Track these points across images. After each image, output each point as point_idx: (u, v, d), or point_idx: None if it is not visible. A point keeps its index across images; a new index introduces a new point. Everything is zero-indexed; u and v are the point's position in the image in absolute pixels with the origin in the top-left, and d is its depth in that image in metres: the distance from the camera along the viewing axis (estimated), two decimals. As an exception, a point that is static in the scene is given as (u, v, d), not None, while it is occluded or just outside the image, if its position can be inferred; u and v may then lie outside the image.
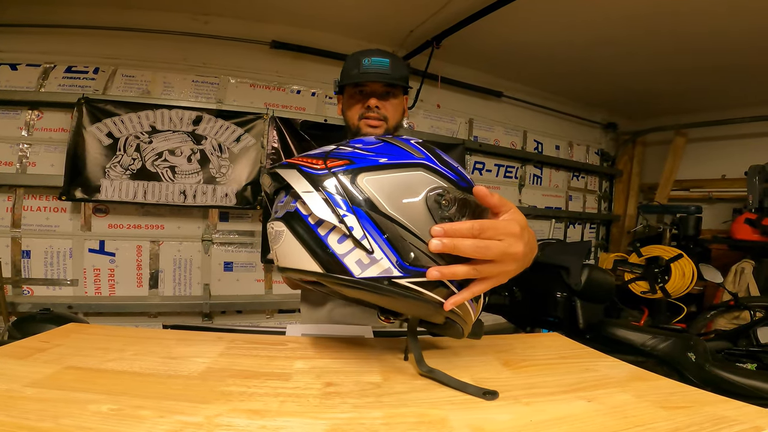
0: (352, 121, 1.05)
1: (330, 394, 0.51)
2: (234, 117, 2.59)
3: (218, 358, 0.62)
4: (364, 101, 1.04)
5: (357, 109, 1.04)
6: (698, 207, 3.50)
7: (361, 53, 1.03)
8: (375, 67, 1.00)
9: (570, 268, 1.60)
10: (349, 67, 1.04)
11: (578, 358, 0.71)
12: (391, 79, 1.01)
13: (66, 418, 0.40)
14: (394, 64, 1.02)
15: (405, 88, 1.07)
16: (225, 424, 0.41)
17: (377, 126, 1.03)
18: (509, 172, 3.71)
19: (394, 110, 1.06)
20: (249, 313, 2.77)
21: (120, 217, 2.51)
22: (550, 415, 0.47)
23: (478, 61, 3.28)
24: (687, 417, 0.47)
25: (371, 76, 1.00)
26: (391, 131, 1.06)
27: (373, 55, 1.02)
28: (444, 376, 0.55)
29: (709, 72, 3.07)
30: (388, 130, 1.05)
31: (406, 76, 1.05)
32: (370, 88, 1.03)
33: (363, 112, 1.03)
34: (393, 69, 1.02)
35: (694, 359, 1.42)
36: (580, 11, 2.40)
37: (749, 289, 2.96)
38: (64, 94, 2.36)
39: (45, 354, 0.58)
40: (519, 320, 1.83)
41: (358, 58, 1.02)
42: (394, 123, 1.06)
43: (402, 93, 1.08)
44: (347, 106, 1.07)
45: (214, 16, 2.62)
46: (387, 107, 1.04)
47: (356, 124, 1.04)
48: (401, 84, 1.04)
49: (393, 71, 1.01)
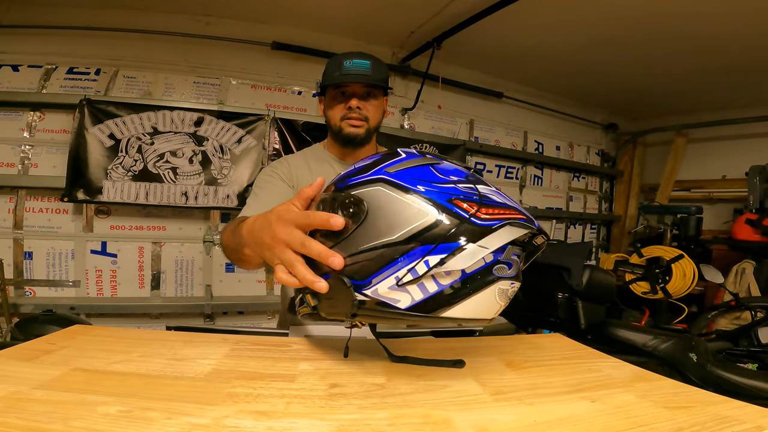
0: (334, 121, 1.09)
1: (335, 395, 0.51)
2: (235, 118, 2.60)
3: (224, 359, 0.62)
4: (345, 102, 1.07)
5: (339, 109, 1.08)
6: (699, 207, 3.51)
7: (343, 56, 1.05)
8: (356, 68, 1.03)
9: (571, 268, 1.60)
10: (330, 70, 1.06)
11: (581, 359, 0.71)
12: (372, 80, 1.04)
13: (76, 420, 0.40)
14: (374, 66, 1.05)
15: (385, 89, 1.10)
16: (232, 426, 0.42)
17: (359, 126, 1.07)
18: (510, 172, 3.71)
19: (375, 110, 1.10)
20: (251, 314, 2.77)
21: (122, 219, 2.51)
22: (553, 415, 0.48)
23: (479, 62, 3.28)
24: (690, 417, 0.48)
25: (352, 77, 1.03)
26: (372, 131, 1.10)
27: (354, 58, 1.04)
28: (415, 359, 0.61)
29: (709, 73, 3.07)
30: (369, 129, 1.09)
31: (386, 78, 1.09)
32: (352, 89, 1.06)
33: (345, 112, 1.07)
34: (373, 71, 1.04)
35: (696, 359, 1.42)
36: (581, 12, 2.40)
37: (750, 290, 2.96)
38: (66, 96, 2.36)
39: (52, 356, 0.59)
40: (521, 321, 1.83)
41: (340, 60, 1.04)
42: (374, 123, 1.10)
43: (382, 94, 1.12)
44: (329, 107, 1.10)
45: (215, 18, 2.63)
46: (368, 108, 1.07)
47: (338, 124, 1.08)
48: (381, 85, 1.07)
49: (373, 73, 1.04)
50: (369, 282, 0.49)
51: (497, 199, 0.50)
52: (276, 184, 1.08)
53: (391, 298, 0.49)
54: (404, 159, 0.54)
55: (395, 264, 0.47)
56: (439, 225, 0.46)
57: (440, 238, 0.46)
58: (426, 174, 0.50)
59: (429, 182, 0.49)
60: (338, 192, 0.55)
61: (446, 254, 0.46)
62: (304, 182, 1.10)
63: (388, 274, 0.48)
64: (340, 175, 0.58)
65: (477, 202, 0.48)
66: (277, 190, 1.06)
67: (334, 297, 0.52)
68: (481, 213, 0.47)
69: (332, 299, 0.52)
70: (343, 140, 1.10)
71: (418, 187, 0.48)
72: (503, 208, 0.49)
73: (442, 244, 0.46)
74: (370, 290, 0.49)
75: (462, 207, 0.47)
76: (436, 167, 0.52)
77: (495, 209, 0.48)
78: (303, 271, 0.51)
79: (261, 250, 0.59)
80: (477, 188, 0.50)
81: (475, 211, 0.47)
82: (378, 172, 0.52)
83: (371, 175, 0.52)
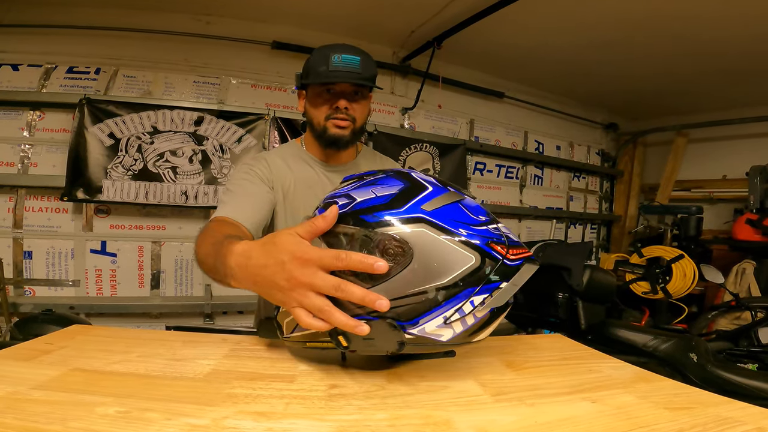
0: (318, 120, 1.01)
1: (335, 396, 0.51)
2: (235, 117, 2.60)
3: (223, 359, 0.62)
4: (332, 101, 0.98)
5: (324, 109, 0.99)
6: (699, 207, 3.50)
7: (329, 48, 0.96)
8: (345, 65, 0.94)
9: (572, 268, 1.60)
10: (316, 63, 0.96)
11: (581, 359, 0.71)
12: (362, 80, 0.96)
13: (74, 421, 0.40)
14: (364, 62, 0.96)
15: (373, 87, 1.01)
16: (232, 427, 0.42)
17: (345, 127, 0.99)
18: (510, 172, 3.71)
19: (362, 110, 1.02)
20: (250, 313, 2.76)
21: (121, 218, 2.51)
22: (554, 416, 0.48)
23: (480, 62, 3.28)
24: (691, 418, 0.48)
25: (341, 75, 0.94)
26: (357, 131, 1.03)
27: (342, 52, 0.94)
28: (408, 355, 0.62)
29: (709, 74, 3.06)
30: (354, 130, 1.01)
31: (375, 75, 1.00)
32: (340, 87, 0.97)
33: (331, 112, 0.98)
34: (363, 68, 0.95)
35: (696, 360, 1.42)
36: (581, 13, 2.40)
37: (750, 290, 2.96)
38: (66, 95, 2.36)
39: (50, 356, 0.58)
40: (521, 321, 1.83)
41: (326, 53, 0.95)
42: (360, 123, 1.03)
43: (369, 92, 1.04)
44: (313, 104, 1.01)
45: (215, 17, 2.62)
46: (355, 108, 1.00)
47: (323, 124, 1.00)
48: (372, 85, 0.99)
49: (363, 70, 0.95)
50: (416, 322, 0.50)
51: (514, 238, 0.55)
52: (255, 183, 1.00)
53: (436, 334, 0.51)
54: (434, 194, 0.54)
55: (444, 306, 0.50)
56: (482, 268, 0.50)
57: (483, 279, 0.51)
58: (460, 214, 0.53)
59: (467, 225, 0.52)
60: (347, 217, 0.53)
61: (488, 294, 0.51)
62: (285, 183, 1.04)
63: (437, 314, 0.50)
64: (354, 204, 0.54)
65: (506, 244, 0.53)
66: (255, 190, 0.98)
67: (375, 337, 0.51)
68: (510, 254, 0.52)
69: (373, 339, 0.51)
70: (327, 142, 1.02)
71: (460, 231, 0.51)
72: (520, 247, 0.55)
73: (484, 285, 0.51)
74: (417, 329, 0.51)
75: (497, 249, 0.52)
76: (463, 204, 0.55)
77: (517, 249, 0.54)
78: (340, 317, 0.48)
79: (268, 292, 0.52)
80: (500, 228, 0.55)
81: (506, 253, 0.52)
82: (415, 210, 0.52)
83: (408, 214, 0.51)
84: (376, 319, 0.50)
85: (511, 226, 3.74)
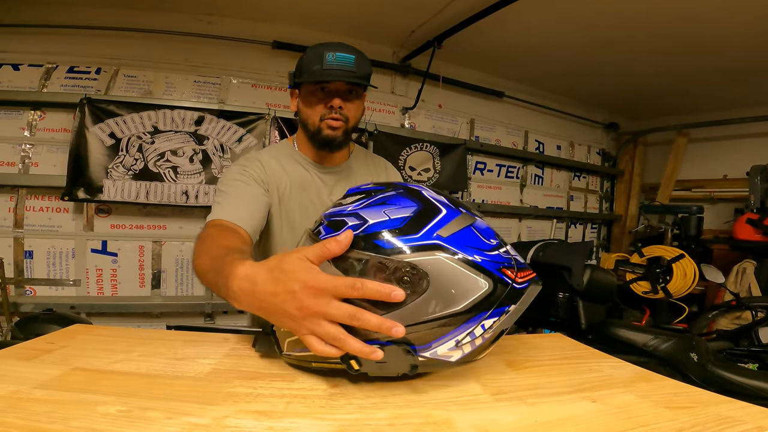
0: (312, 120, 0.99)
1: (335, 395, 0.51)
2: (236, 117, 2.60)
3: (224, 359, 0.62)
4: (326, 100, 0.96)
5: (319, 109, 0.97)
6: (700, 207, 3.50)
7: (323, 47, 0.94)
8: (340, 63, 0.92)
9: (572, 268, 1.60)
10: (309, 62, 0.94)
11: (582, 359, 0.71)
12: (357, 78, 0.94)
13: (76, 420, 0.40)
14: (359, 60, 0.94)
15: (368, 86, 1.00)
16: (233, 426, 0.42)
17: (338, 127, 0.98)
18: (510, 172, 3.71)
19: (356, 110, 1.01)
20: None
21: (122, 218, 2.51)
22: (554, 415, 0.48)
23: (480, 62, 3.27)
24: (691, 417, 0.48)
25: (336, 73, 0.92)
26: (350, 131, 1.02)
27: (337, 50, 0.93)
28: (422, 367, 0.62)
29: (710, 73, 3.06)
30: (347, 130, 1.00)
31: (370, 74, 0.99)
32: (334, 86, 0.96)
33: (325, 112, 0.97)
34: (358, 66, 0.94)
35: (696, 359, 1.42)
36: (582, 12, 2.39)
37: (751, 290, 2.96)
38: (67, 95, 2.36)
39: (51, 355, 0.59)
40: (521, 321, 1.83)
41: (321, 51, 0.93)
42: (353, 123, 1.01)
43: (363, 91, 1.02)
44: (307, 104, 0.99)
45: (216, 17, 2.62)
46: (349, 107, 0.98)
47: (317, 124, 0.98)
48: (367, 83, 0.98)
49: (358, 69, 0.94)
50: (429, 346, 0.51)
51: (521, 261, 0.57)
52: (249, 185, 0.97)
53: (446, 356, 0.53)
54: (448, 218, 0.54)
55: (457, 330, 0.51)
56: (494, 294, 0.52)
57: (495, 304, 0.52)
58: (474, 240, 0.54)
59: (481, 250, 0.53)
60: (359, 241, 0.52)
61: (497, 317, 0.53)
62: (281, 186, 1.02)
63: (449, 338, 0.52)
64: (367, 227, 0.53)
65: (515, 268, 0.55)
66: (251, 192, 0.96)
67: (388, 361, 0.50)
68: (518, 277, 0.54)
69: (386, 362, 0.51)
70: (320, 143, 1.00)
71: (475, 257, 0.52)
72: (526, 269, 0.56)
73: (495, 309, 0.52)
74: (429, 353, 0.52)
75: (507, 274, 0.53)
76: (475, 227, 0.55)
77: (524, 272, 0.55)
78: (355, 344, 0.47)
79: (278, 319, 0.51)
80: (509, 251, 0.56)
81: (515, 276, 0.54)
82: (431, 236, 0.51)
83: (424, 240, 0.51)
84: (389, 344, 0.50)
85: (511, 225, 3.75)
